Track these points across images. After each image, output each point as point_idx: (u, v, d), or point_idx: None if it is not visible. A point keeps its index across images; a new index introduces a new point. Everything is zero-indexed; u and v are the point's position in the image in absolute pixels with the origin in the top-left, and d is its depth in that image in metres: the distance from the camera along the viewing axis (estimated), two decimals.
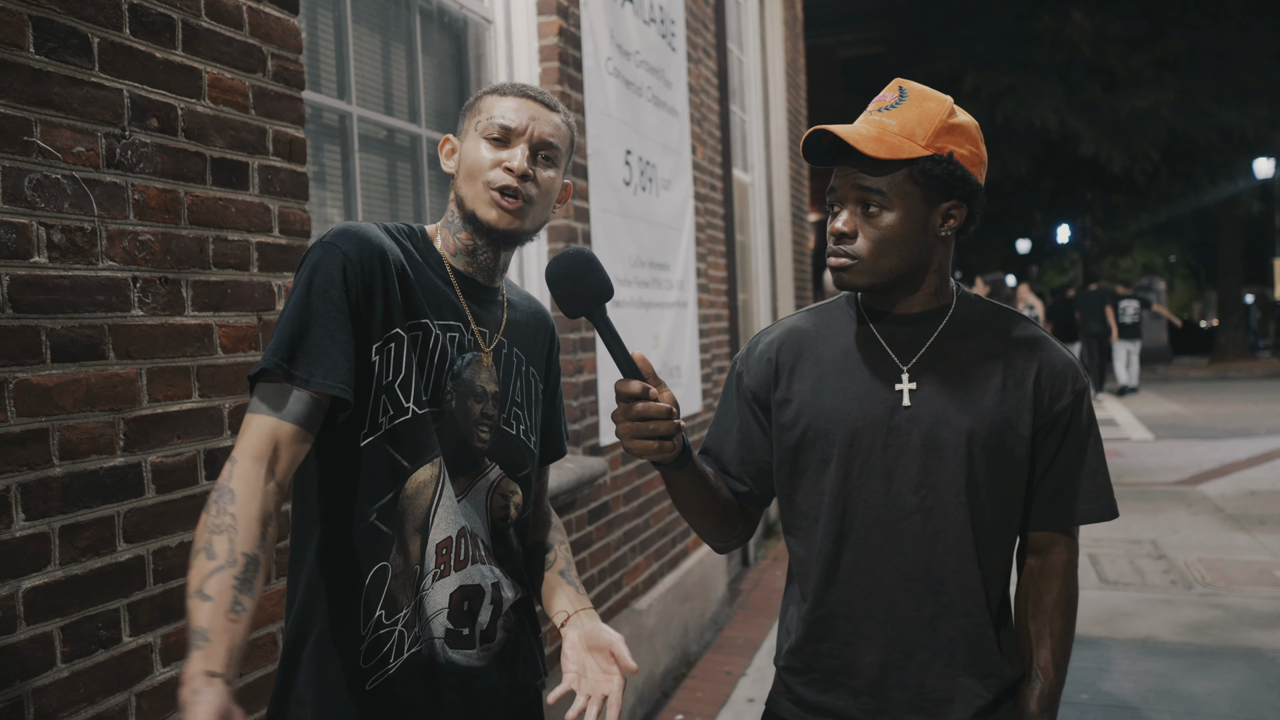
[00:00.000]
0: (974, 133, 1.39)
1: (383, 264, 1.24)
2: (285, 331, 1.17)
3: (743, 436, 1.52)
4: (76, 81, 1.42)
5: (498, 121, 1.31)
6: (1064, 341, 12.78)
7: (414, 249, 1.32)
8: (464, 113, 1.37)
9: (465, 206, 1.32)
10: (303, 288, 1.19)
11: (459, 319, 1.33)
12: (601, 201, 3.33)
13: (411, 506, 1.26)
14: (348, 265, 1.21)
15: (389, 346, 1.24)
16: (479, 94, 1.37)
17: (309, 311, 1.18)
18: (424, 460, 1.27)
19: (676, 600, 3.91)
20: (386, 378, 1.24)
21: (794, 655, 1.48)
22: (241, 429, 1.14)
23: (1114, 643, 4.08)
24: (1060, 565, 1.47)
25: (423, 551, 1.26)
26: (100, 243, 1.45)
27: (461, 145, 1.35)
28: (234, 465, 1.11)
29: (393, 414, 1.24)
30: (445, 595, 1.29)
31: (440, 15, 2.87)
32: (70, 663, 1.38)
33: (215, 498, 1.08)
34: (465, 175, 1.32)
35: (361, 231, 1.24)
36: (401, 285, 1.26)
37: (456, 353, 1.32)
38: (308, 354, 1.16)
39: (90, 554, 1.42)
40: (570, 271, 1.23)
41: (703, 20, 4.94)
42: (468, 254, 1.36)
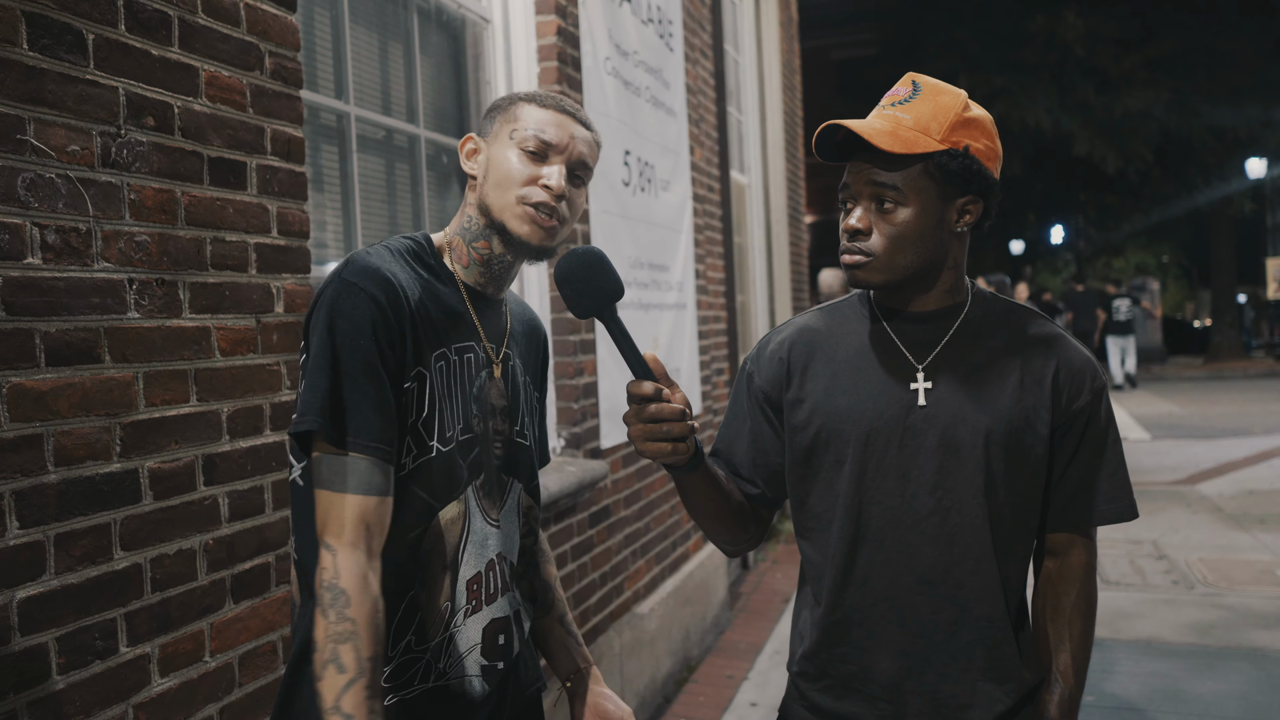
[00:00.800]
0: (989, 127, 1.36)
1: (407, 304, 1.19)
2: (323, 387, 1.13)
3: (754, 438, 1.49)
4: (71, 79, 1.39)
5: (538, 135, 1.26)
6: None
7: (426, 270, 1.27)
8: (493, 114, 1.32)
9: (494, 215, 1.27)
10: (330, 337, 1.14)
11: (472, 337, 1.30)
12: (601, 202, 3.30)
13: (439, 545, 1.23)
14: (375, 311, 1.15)
15: (411, 386, 1.21)
16: (513, 98, 1.31)
17: (342, 364, 1.14)
18: (452, 497, 1.24)
19: (678, 604, 3.88)
20: (410, 418, 1.20)
21: (808, 661, 1.45)
22: (323, 508, 1.13)
23: (1117, 644, 4.05)
24: (1079, 567, 1.44)
25: (453, 589, 1.24)
26: (95, 243, 1.42)
27: (490, 149, 1.29)
28: (335, 557, 1.10)
29: (416, 453, 1.21)
30: (479, 630, 1.28)
31: (438, 14, 2.84)
32: (66, 674, 1.34)
33: (329, 600, 1.09)
34: (496, 183, 1.26)
35: (380, 269, 1.19)
36: (422, 321, 1.22)
37: (475, 373, 1.29)
38: (355, 413, 1.13)
39: (86, 562, 1.38)
40: (580, 271, 1.19)
41: (700, 21, 4.92)
42: (482, 264, 1.31)
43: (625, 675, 3.31)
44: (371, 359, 1.14)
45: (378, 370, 1.15)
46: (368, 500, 1.12)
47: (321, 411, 1.12)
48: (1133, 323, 14.76)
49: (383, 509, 1.14)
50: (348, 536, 1.11)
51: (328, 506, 1.12)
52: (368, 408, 1.13)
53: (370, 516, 1.13)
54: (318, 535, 1.13)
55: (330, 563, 1.10)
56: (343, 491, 1.12)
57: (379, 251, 1.23)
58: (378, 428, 1.13)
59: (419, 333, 1.21)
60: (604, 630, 3.23)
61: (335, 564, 1.10)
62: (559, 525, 2.93)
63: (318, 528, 1.13)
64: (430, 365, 1.22)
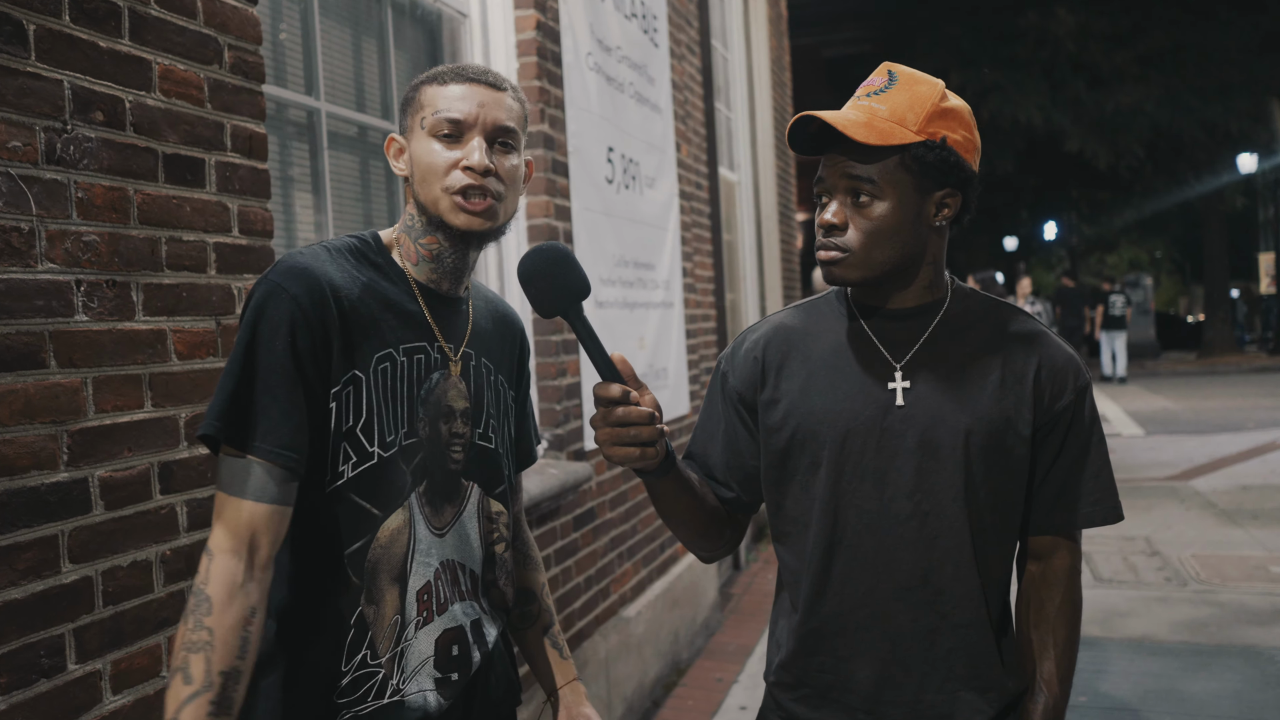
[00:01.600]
0: (967, 117, 1.32)
1: (336, 302, 1.14)
2: (229, 389, 1.09)
3: (728, 440, 1.44)
4: (10, 71, 1.33)
5: (445, 115, 1.19)
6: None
7: (371, 269, 1.22)
8: (405, 108, 1.26)
9: (430, 212, 1.21)
10: (248, 338, 1.10)
11: (424, 337, 1.24)
12: (583, 200, 3.25)
13: (386, 555, 1.18)
14: (296, 312, 1.11)
15: (347, 390, 1.15)
16: (415, 84, 1.24)
17: (255, 367, 1.09)
18: (396, 505, 1.19)
19: (666, 607, 3.83)
20: (347, 423, 1.15)
21: (784, 670, 1.40)
22: (216, 509, 1.09)
23: (1111, 643, 4.01)
24: (1063, 571, 1.40)
25: (403, 601, 1.20)
26: (39, 244, 1.36)
27: (410, 145, 1.24)
28: (210, 561, 1.07)
29: (356, 460, 1.16)
30: (430, 643, 1.23)
31: (413, 9, 2.78)
32: (8, 695, 1.28)
33: (193, 605, 1.05)
34: (421, 179, 1.21)
35: (309, 269, 1.14)
36: (358, 322, 1.16)
37: (424, 374, 1.23)
38: (262, 417, 1.08)
39: (31, 576, 1.32)
40: (543, 268, 1.15)
41: (686, 17, 4.87)
42: (432, 260, 1.25)
43: (612, 680, 3.25)
44: (286, 362, 1.09)
45: (292, 374, 1.10)
46: (259, 507, 1.08)
47: (221, 415, 1.08)
48: (1124, 319, 15.40)
49: (277, 518, 1.09)
50: (229, 543, 1.07)
51: (219, 509, 1.08)
52: (275, 412, 1.08)
53: (260, 525, 1.08)
54: (214, 530, 1.09)
55: (204, 567, 1.06)
56: (237, 496, 1.08)
57: (314, 251, 1.18)
58: (284, 434, 1.09)
59: (352, 335, 1.15)
60: (589, 635, 3.17)
61: (208, 569, 1.06)
62: (541, 529, 2.87)
63: (217, 527, 1.09)
64: (368, 368, 1.17)
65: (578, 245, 3.18)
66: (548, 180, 2.99)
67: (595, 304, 3.31)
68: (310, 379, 1.12)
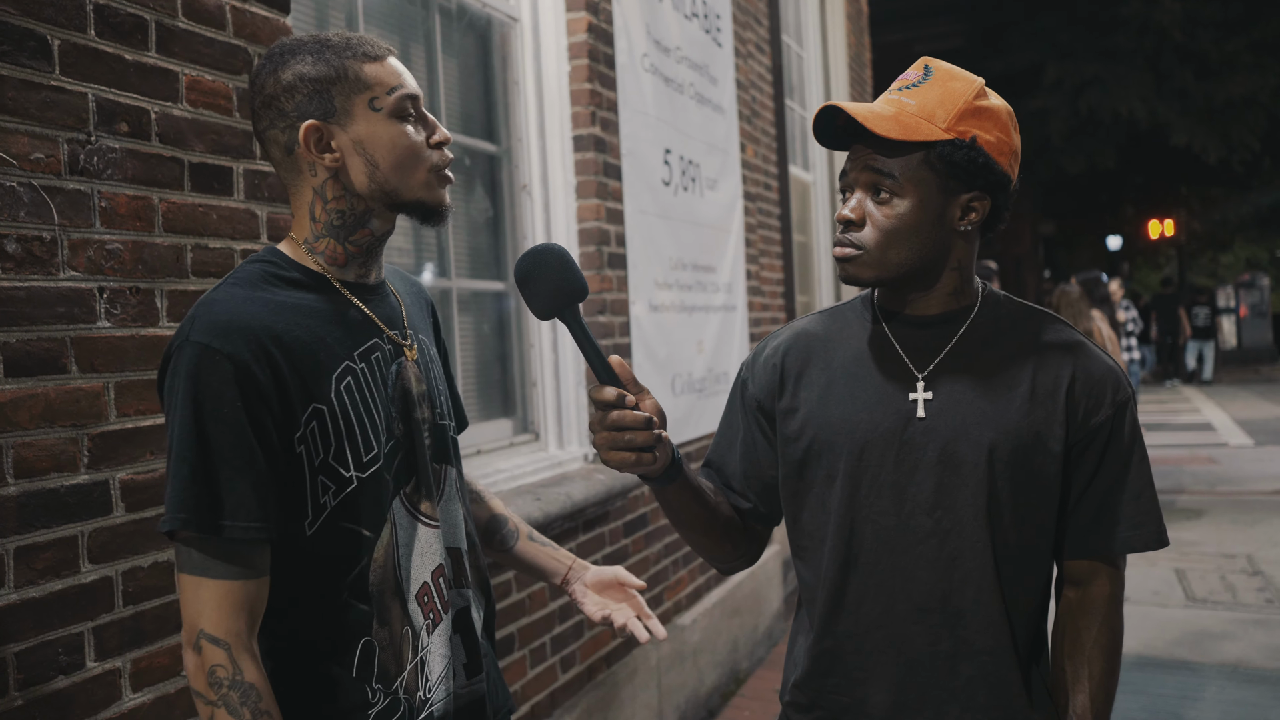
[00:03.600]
0: (1004, 118, 1.24)
1: (276, 345, 1.07)
2: (185, 474, 1.02)
3: (746, 449, 1.40)
4: (34, 85, 1.37)
5: (404, 93, 1.15)
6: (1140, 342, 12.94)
7: (293, 288, 1.14)
8: (323, 89, 1.12)
9: (403, 197, 1.16)
10: (191, 413, 1.02)
11: (373, 334, 1.19)
12: (638, 202, 3.22)
13: (385, 573, 1.15)
14: (237, 373, 1.03)
15: (311, 426, 1.10)
16: (339, 62, 1.13)
17: (208, 443, 1.02)
18: (384, 520, 1.16)
19: (724, 615, 3.77)
20: (319, 457, 1.10)
21: (799, 690, 1.35)
22: (201, 596, 1.03)
23: (1201, 667, 3.77)
24: (1102, 599, 1.31)
25: (406, 611, 1.16)
26: (61, 252, 1.40)
27: (352, 130, 1.13)
28: (230, 652, 1.02)
29: (335, 489, 1.12)
30: (445, 642, 1.20)
31: (461, 14, 2.79)
32: (25, 690, 1.32)
33: (240, 699, 1.01)
34: (396, 165, 1.14)
35: (236, 318, 1.06)
36: (303, 353, 1.09)
37: (386, 370, 1.19)
38: (228, 495, 1.02)
39: (50, 575, 1.36)
40: (540, 270, 1.12)
41: (754, 15, 4.79)
42: (361, 255, 1.19)
43: (663, 688, 3.21)
44: (240, 430, 1.03)
45: (249, 441, 1.04)
46: (249, 585, 1.04)
47: (183, 504, 1.02)
48: (1211, 328, 15.99)
49: (263, 591, 1.06)
50: (234, 626, 1.02)
51: (207, 595, 1.02)
52: (242, 485, 1.03)
53: (254, 601, 1.05)
54: (192, 625, 1.03)
55: (226, 659, 1.01)
56: (223, 579, 1.03)
57: (229, 293, 1.09)
58: (254, 505, 1.03)
59: (303, 369, 1.09)
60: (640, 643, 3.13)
61: (231, 659, 1.01)
62: (588, 534, 2.85)
63: (191, 617, 1.03)
64: (329, 394, 1.11)
65: (631, 249, 3.16)
66: (598, 183, 2.97)
67: (650, 307, 3.28)
68: (269, 438, 1.06)
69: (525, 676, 2.52)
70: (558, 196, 2.96)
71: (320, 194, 1.16)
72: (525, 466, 2.75)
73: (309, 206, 1.17)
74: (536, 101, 2.96)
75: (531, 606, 2.55)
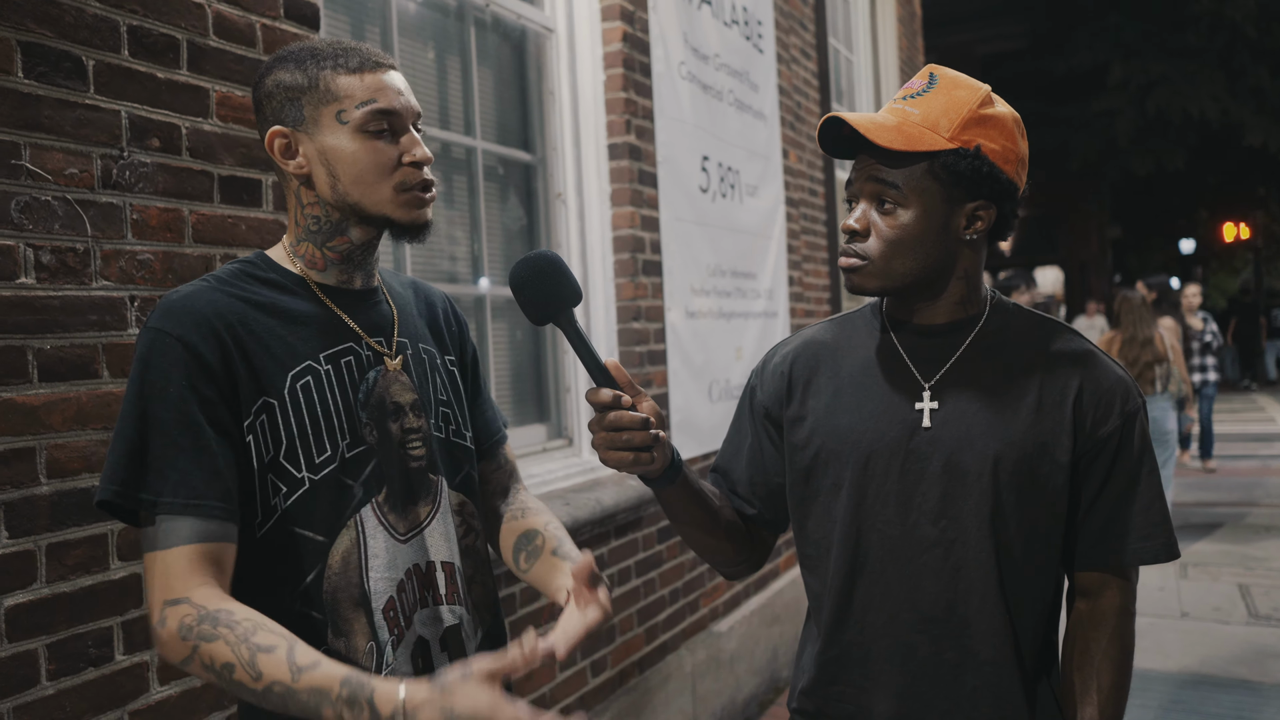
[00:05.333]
0: (1011, 126, 1.23)
1: (228, 331, 1.08)
2: (122, 450, 1.02)
3: (753, 455, 1.41)
4: (69, 104, 1.44)
5: (376, 107, 1.13)
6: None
7: (266, 286, 1.15)
8: (291, 96, 1.13)
9: (367, 211, 1.15)
10: (136, 391, 1.03)
11: (349, 339, 1.18)
12: (674, 210, 3.23)
13: (343, 582, 1.12)
14: (184, 354, 1.04)
15: (260, 420, 1.09)
16: (315, 72, 1.13)
17: (149, 419, 1.02)
18: (341, 525, 1.12)
19: (763, 623, 3.75)
20: (268, 454, 1.09)
21: (805, 698, 1.36)
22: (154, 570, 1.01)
23: (1261, 687, 3.64)
24: (1112, 611, 1.28)
25: (372, 625, 1.13)
26: (94, 262, 1.46)
27: (316, 141, 1.14)
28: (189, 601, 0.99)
29: (286, 490, 1.10)
30: (408, 660, 1.16)
31: (496, 26, 2.84)
32: (56, 680, 1.38)
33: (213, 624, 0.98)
34: (357, 180, 1.13)
35: (189, 305, 1.07)
36: (258, 347, 1.10)
37: (358, 377, 1.17)
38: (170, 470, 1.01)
39: (80, 572, 1.43)
40: (534, 277, 1.14)
41: (800, 20, 4.78)
42: (341, 262, 1.19)
43: (698, 695, 3.21)
44: (184, 408, 1.03)
45: (195, 419, 1.03)
46: (201, 546, 1.02)
47: (114, 478, 1.01)
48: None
49: (222, 553, 1.03)
50: (194, 581, 1.00)
51: (160, 567, 1.01)
52: (185, 462, 1.02)
53: (216, 561, 1.02)
54: (152, 604, 1.01)
55: (188, 606, 0.99)
56: (172, 546, 1.01)
57: (194, 286, 1.12)
58: (198, 481, 1.02)
59: (255, 362, 1.09)
60: (675, 648, 3.14)
61: (193, 604, 0.99)
62: (620, 540, 2.87)
63: (152, 597, 1.01)
64: (282, 390, 1.11)
65: (666, 255, 3.17)
66: (632, 191, 3.00)
67: (686, 314, 3.29)
68: (220, 419, 1.06)
69: (555, 680, 2.54)
70: (592, 204, 2.99)
71: (298, 198, 1.18)
72: (557, 472, 2.78)
73: (293, 210, 1.20)
74: (571, 111, 2.99)
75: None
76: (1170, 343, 5.58)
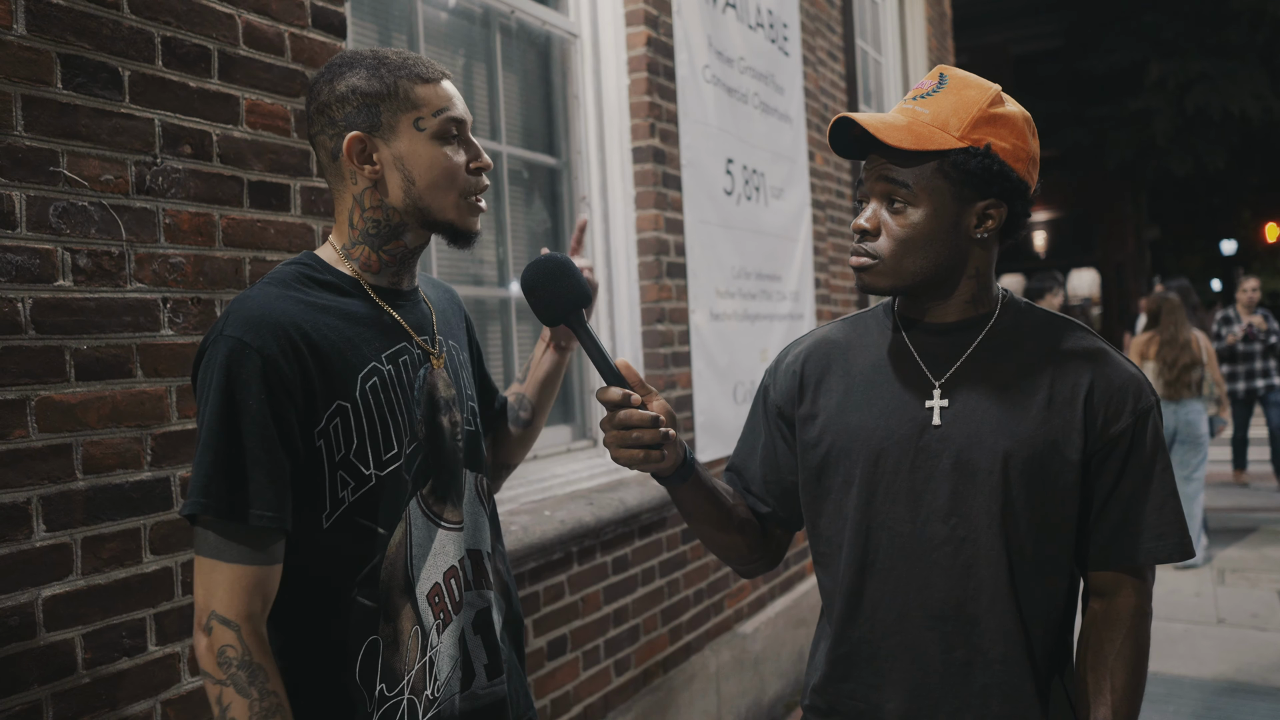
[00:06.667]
0: (1021, 124, 1.25)
1: (304, 341, 1.12)
2: (209, 461, 1.07)
3: (767, 454, 1.43)
4: (105, 113, 1.49)
5: (450, 116, 1.20)
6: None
7: (326, 290, 1.20)
8: (376, 102, 1.18)
9: (434, 216, 1.21)
10: (221, 403, 1.08)
11: (402, 338, 1.23)
12: (699, 212, 3.25)
13: (395, 570, 1.19)
14: (266, 366, 1.09)
15: (334, 422, 1.14)
16: (392, 80, 1.19)
17: (236, 434, 1.07)
18: (399, 517, 1.19)
19: (789, 625, 3.75)
20: (339, 453, 1.15)
21: (817, 694, 1.37)
22: (214, 579, 1.07)
23: None
24: (1126, 611, 1.28)
25: (416, 611, 1.19)
26: (129, 265, 1.51)
27: (394, 146, 1.19)
28: (239, 633, 1.06)
29: (354, 485, 1.16)
30: (455, 643, 1.23)
31: (521, 32, 2.88)
32: (91, 669, 1.43)
33: (249, 678, 1.06)
34: (433, 185, 1.20)
35: (268, 314, 1.11)
36: (330, 352, 1.14)
37: (413, 375, 1.23)
38: (250, 484, 1.07)
39: (114, 565, 1.47)
40: (545, 279, 1.20)
41: (826, 23, 4.78)
42: (394, 264, 1.25)
43: (722, 695, 3.22)
44: (265, 423, 1.08)
45: (272, 435, 1.09)
46: (262, 571, 1.09)
47: (207, 490, 1.06)
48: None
49: (274, 578, 1.11)
50: (246, 609, 1.07)
51: (220, 579, 1.07)
52: (261, 477, 1.08)
53: (266, 587, 1.09)
54: (203, 606, 1.07)
55: (235, 639, 1.06)
56: (237, 563, 1.07)
57: (263, 291, 1.16)
58: (271, 496, 1.08)
59: (329, 367, 1.14)
60: (699, 649, 3.16)
61: (241, 640, 1.06)
62: (644, 540, 2.89)
63: (203, 599, 1.08)
64: (354, 393, 1.16)
65: (691, 258, 3.19)
66: (657, 194, 3.02)
67: (711, 316, 3.31)
68: (290, 432, 1.10)
69: (578, 678, 2.57)
70: (616, 207, 3.02)
71: (359, 202, 1.22)
72: (581, 472, 2.81)
73: (349, 213, 1.23)
74: (596, 115, 3.02)
75: (585, 609, 2.60)
76: (1205, 344, 5.50)
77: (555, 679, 2.48)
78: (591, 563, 2.64)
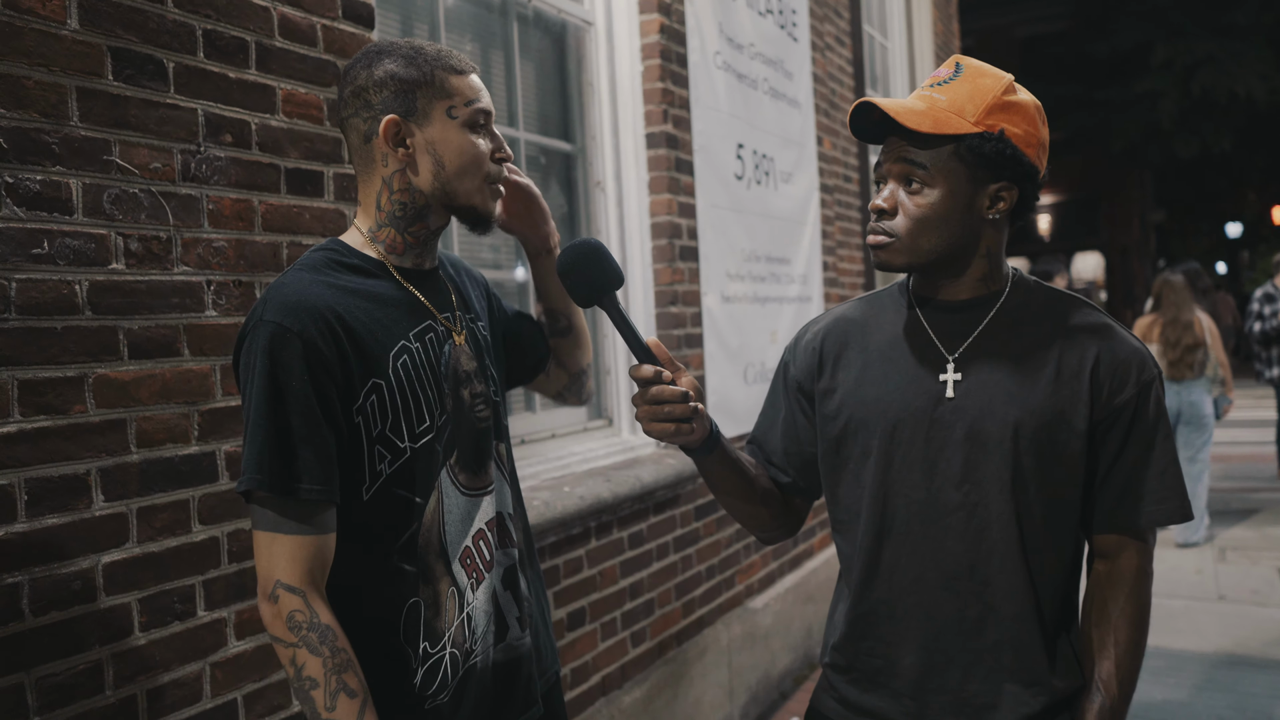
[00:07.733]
0: (1032, 112, 1.31)
1: (340, 324, 1.18)
2: (260, 440, 1.13)
3: (787, 427, 1.50)
4: (153, 104, 1.56)
5: (479, 107, 1.27)
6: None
7: (354, 273, 1.26)
8: (413, 89, 1.25)
9: (459, 200, 1.28)
10: (267, 386, 1.14)
11: (427, 317, 1.30)
12: (710, 197, 3.31)
13: (431, 537, 1.26)
14: (308, 350, 1.15)
15: (371, 399, 1.21)
16: (429, 69, 1.26)
17: (284, 414, 1.14)
18: (433, 486, 1.27)
19: (798, 601, 3.84)
20: (376, 428, 1.21)
21: (837, 652, 1.45)
22: (275, 550, 1.13)
23: None
24: (1129, 572, 1.36)
25: (451, 572, 1.27)
26: (175, 250, 1.59)
27: (427, 132, 1.26)
28: (305, 598, 1.13)
29: (391, 458, 1.23)
30: (489, 599, 1.32)
31: (537, 21, 2.94)
32: (147, 632, 1.52)
33: (320, 638, 1.12)
34: (461, 170, 1.27)
35: (305, 299, 1.17)
36: (363, 333, 1.21)
37: (439, 350, 1.30)
38: (300, 461, 1.13)
39: (167, 534, 1.55)
40: (580, 263, 1.26)
41: (834, 8, 4.82)
42: (418, 245, 1.32)
43: (734, 668, 3.31)
44: (310, 403, 1.14)
45: (316, 414, 1.15)
46: (318, 539, 1.15)
47: (260, 467, 1.13)
48: None
49: (330, 546, 1.17)
50: (308, 576, 1.14)
51: (280, 550, 1.14)
52: (308, 453, 1.14)
53: (324, 555, 1.16)
54: (267, 577, 1.14)
55: (302, 604, 1.12)
56: (295, 534, 1.14)
57: (297, 277, 1.21)
58: (318, 470, 1.14)
59: (363, 347, 1.21)
60: (711, 622, 3.24)
61: (308, 604, 1.13)
62: (659, 516, 2.97)
63: (266, 570, 1.14)
64: (388, 370, 1.23)
65: (703, 241, 3.26)
66: (670, 179, 3.08)
67: (722, 298, 3.37)
68: (332, 409, 1.17)
69: (596, 649, 2.65)
70: (630, 192, 3.08)
71: (388, 184, 1.28)
72: (598, 450, 2.89)
73: (376, 195, 1.29)
74: (610, 101, 3.08)
75: (603, 583, 2.69)
76: (1208, 325, 5.56)
77: (575, 649, 2.57)
78: (609, 538, 2.72)
